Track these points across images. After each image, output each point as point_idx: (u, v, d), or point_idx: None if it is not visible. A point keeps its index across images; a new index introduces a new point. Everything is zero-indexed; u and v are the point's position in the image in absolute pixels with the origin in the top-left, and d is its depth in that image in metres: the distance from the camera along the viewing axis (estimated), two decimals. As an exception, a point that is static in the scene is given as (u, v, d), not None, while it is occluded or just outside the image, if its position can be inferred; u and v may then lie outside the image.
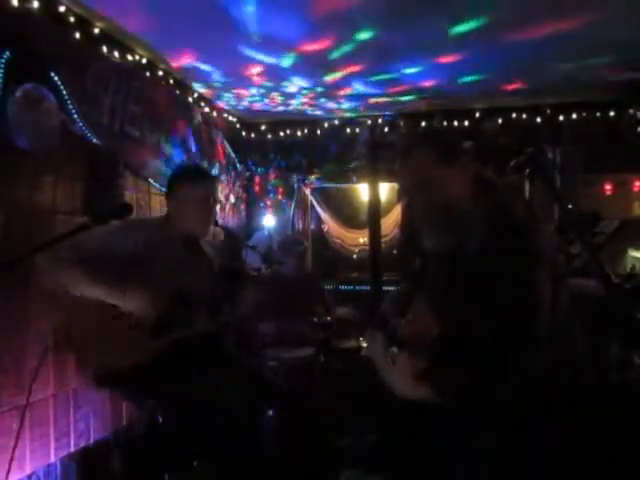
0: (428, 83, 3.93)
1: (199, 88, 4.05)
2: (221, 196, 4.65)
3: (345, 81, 3.87)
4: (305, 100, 4.39)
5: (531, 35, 3.07)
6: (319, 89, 4.08)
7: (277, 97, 4.28)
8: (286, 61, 3.44)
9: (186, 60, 3.41)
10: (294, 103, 4.48)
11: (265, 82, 3.88)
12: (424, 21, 2.89)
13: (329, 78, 3.80)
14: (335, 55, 3.34)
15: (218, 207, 4.63)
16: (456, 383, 1.41)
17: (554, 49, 3.30)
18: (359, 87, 4.00)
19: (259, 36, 3.03)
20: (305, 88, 4.04)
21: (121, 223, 2.02)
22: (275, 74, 3.69)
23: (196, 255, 2.32)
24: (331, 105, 4.57)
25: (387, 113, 4.80)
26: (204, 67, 3.55)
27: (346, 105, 4.55)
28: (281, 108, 4.61)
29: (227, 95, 4.24)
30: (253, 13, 2.74)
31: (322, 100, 4.40)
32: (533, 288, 1.41)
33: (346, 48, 3.24)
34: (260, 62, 3.44)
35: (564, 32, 3.00)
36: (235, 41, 3.11)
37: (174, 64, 3.48)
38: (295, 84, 3.93)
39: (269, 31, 2.98)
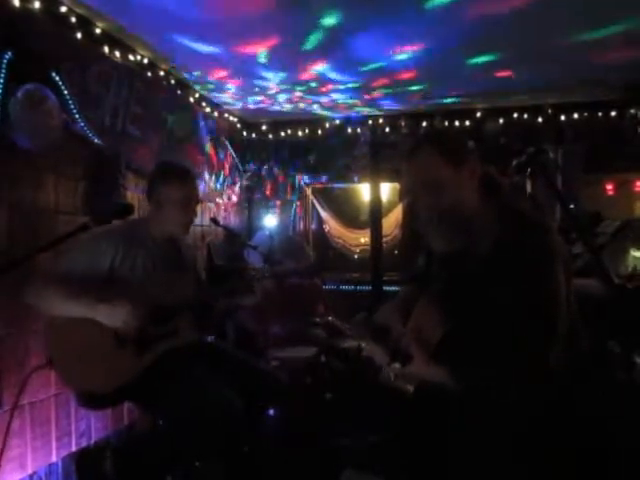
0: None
1: (200, 88, 4.06)
2: (224, 198, 4.66)
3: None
4: (294, 97, 4.31)
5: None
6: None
7: (265, 97, 4.26)
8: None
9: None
10: (282, 100, 4.40)
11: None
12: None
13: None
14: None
15: (222, 207, 4.65)
16: (472, 382, 1.40)
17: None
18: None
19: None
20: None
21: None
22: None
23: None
24: (325, 100, 4.45)
25: (388, 114, 4.80)
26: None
27: (339, 97, 4.40)
28: (280, 108, 4.60)
29: (227, 95, 4.24)
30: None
31: (307, 96, 4.29)
32: (553, 285, 1.40)
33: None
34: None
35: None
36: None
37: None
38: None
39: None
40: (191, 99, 4.03)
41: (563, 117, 4.51)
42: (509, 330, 1.37)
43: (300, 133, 5.10)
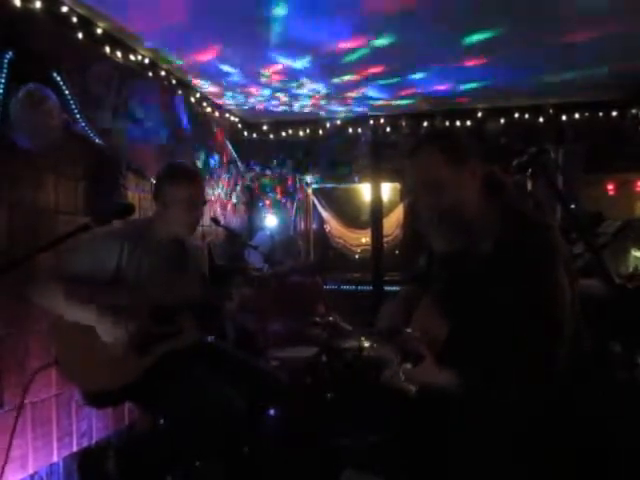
0: (433, 88, 3.97)
1: (201, 89, 4.06)
2: (220, 192, 4.63)
3: (357, 84, 3.87)
4: (310, 102, 4.39)
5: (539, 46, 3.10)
6: (326, 91, 4.09)
7: (283, 97, 4.28)
8: (300, 63, 3.44)
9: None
10: (296, 105, 4.49)
11: (275, 83, 3.88)
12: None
13: (341, 80, 3.81)
14: (350, 58, 3.35)
15: (223, 207, 4.65)
16: (473, 382, 1.40)
17: (560, 58, 3.31)
18: (370, 92, 4.03)
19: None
20: (315, 90, 4.05)
21: (105, 229, 1.97)
22: (289, 75, 3.71)
23: (183, 258, 2.29)
24: (334, 107, 4.58)
25: (389, 114, 4.80)
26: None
27: (350, 107, 4.56)
28: (282, 108, 4.61)
29: (229, 95, 4.24)
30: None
31: (322, 102, 4.41)
32: (553, 285, 1.40)
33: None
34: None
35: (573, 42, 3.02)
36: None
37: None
38: (306, 86, 3.93)
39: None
40: (192, 99, 4.03)
41: (564, 117, 4.51)
42: (510, 330, 1.37)
43: (301, 133, 5.10)
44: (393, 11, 2.73)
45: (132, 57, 3.19)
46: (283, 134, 5.16)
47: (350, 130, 4.99)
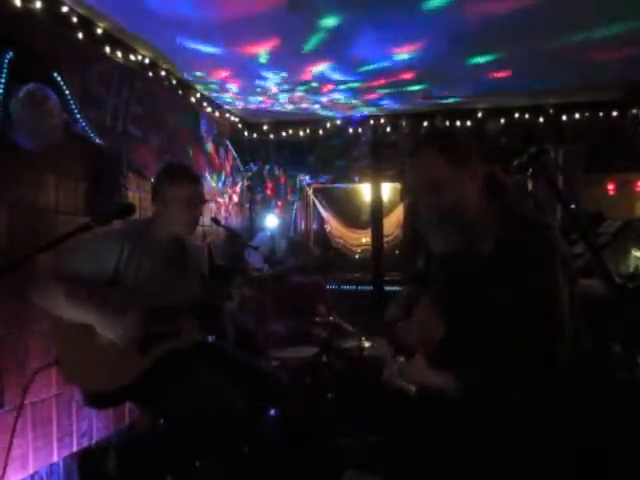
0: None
1: (202, 89, 4.06)
2: (225, 199, 4.65)
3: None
4: (294, 96, 4.31)
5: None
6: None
7: (266, 97, 4.26)
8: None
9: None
10: (282, 100, 4.42)
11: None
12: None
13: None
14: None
15: (223, 207, 4.65)
16: (473, 382, 1.40)
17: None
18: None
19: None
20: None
21: (105, 230, 1.97)
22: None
23: (183, 258, 2.29)
24: (324, 100, 4.47)
25: (389, 114, 4.80)
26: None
27: (340, 97, 4.41)
28: (282, 108, 4.61)
29: (229, 95, 4.24)
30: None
31: (306, 94, 4.29)
32: (553, 285, 1.40)
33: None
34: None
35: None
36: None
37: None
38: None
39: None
40: (192, 99, 4.03)
41: (564, 117, 4.51)
42: (510, 330, 1.37)
43: (301, 133, 5.10)
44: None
45: (132, 57, 3.19)
46: (283, 134, 5.16)
47: (350, 130, 4.99)
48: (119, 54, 3.08)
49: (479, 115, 4.62)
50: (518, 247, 1.43)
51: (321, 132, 5.04)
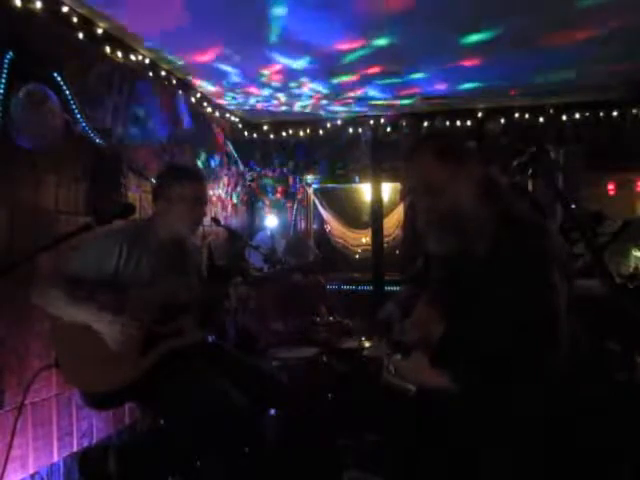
0: (433, 87, 3.97)
1: (202, 89, 4.06)
2: (220, 192, 4.63)
3: (357, 84, 3.87)
4: (309, 102, 4.39)
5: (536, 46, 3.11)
6: (326, 91, 4.09)
7: (282, 98, 4.28)
8: (299, 63, 3.44)
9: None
10: (297, 105, 4.49)
11: (275, 83, 3.88)
12: (437, 31, 2.93)
13: (340, 80, 3.81)
14: (349, 58, 3.36)
15: (224, 207, 4.65)
16: (471, 381, 1.41)
17: (557, 58, 3.33)
18: (371, 91, 4.02)
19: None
20: (315, 90, 4.04)
21: (105, 230, 1.97)
22: (288, 75, 3.71)
23: (182, 258, 2.29)
24: (334, 107, 4.58)
25: (389, 113, 4.80)
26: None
27: (350, 107, 4.56)
28: (283, 108, 4.61)
29: (230, 95, 4.24)
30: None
31: (324, 102, 4.40)
32: (552, 288, 1.41)
33: (361, 52, 3.26)
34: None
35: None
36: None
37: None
38: (306, 85, 3.93)
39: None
40: (192, 99, 4.03)
41: (565, 117, 4.50)
42: (507, 331, 1.37)
43: (301, 133, 5.10)
44: (392, 10, 2.74)
45: (132, 57, 3.19)
46: (283, 134, 5.15)
47: (350, 130, 4.99)
48: (119, 54, 3.08)
49: (479, 115, 4.61)
50: (514, 248, 1.44)
51: (321, 132, 5.04)
